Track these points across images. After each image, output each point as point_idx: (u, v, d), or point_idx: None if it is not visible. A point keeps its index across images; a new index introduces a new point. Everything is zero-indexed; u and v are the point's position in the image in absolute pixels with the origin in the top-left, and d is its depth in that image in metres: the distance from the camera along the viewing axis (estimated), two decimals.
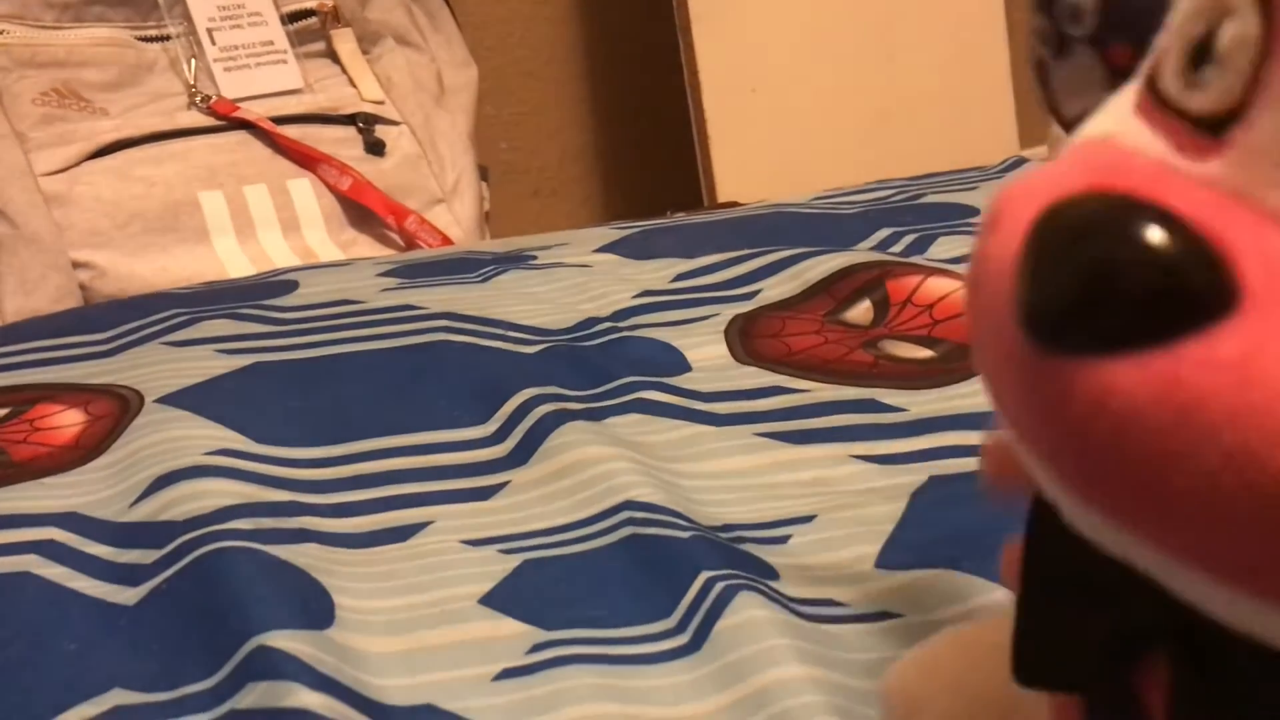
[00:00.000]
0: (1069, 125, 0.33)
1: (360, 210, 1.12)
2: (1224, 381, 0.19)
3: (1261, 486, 0.19)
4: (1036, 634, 0.27)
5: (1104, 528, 0.22)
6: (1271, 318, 0.20)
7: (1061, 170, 0.22)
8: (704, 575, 0.46)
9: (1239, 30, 0.21)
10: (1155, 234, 0.20)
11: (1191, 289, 0.20)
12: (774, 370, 0.63)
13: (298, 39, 1.18)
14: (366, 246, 1.11)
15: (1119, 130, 0.23)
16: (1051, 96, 0.35)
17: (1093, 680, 0.26)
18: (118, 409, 0.62)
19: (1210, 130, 0.22)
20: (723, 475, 0.55)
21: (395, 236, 1.12)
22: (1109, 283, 0.20)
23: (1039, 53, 0.35)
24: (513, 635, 0.45)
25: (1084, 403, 0.20)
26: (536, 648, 0.44)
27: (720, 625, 0.44)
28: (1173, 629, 0.23)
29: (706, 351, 0.65)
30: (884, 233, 0.80)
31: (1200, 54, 0.22)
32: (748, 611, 0.44)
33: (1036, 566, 0.27)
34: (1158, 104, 0.23)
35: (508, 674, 0.43)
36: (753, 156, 1.48)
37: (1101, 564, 0.23)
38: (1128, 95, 0.24)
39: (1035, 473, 0.23)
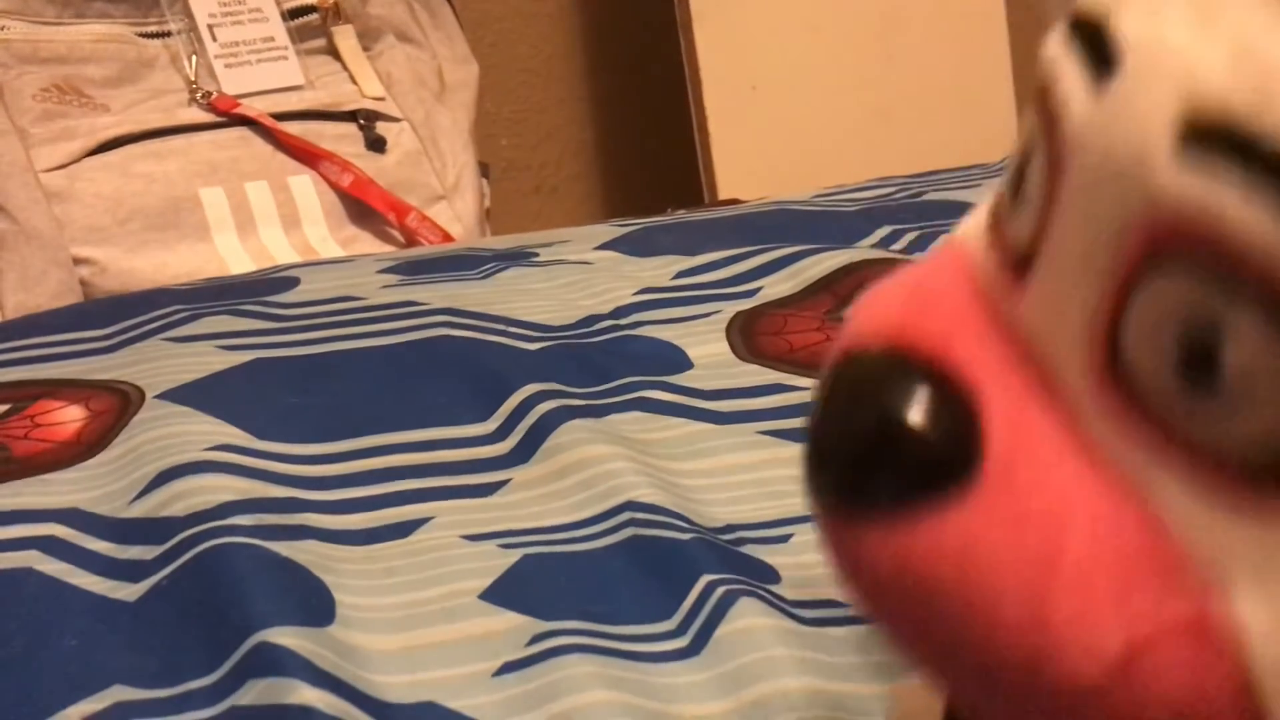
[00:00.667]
0: None
1: (361, 207, 1.12)
2: (947, 565, 0.20)
3: (981, 673, 0.20)
4: None
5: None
6: (996, 505, 0.20)
7: (891, 294, 0.22)
8: (705, 579, 0.46)
9: (1036, 170, 0.21)
10: (911, 406, 0.20)
11: (931, 461, 0.20)
12: (775, 368, 0.63)
13: (298, 35, 1.18)
14: (367, 243, 1.11)
15: (973, 236, 0.23)
16: None
17: None
18: (119, 405, 0.62)
19: (1018, 266, 0.21)
20: (724, 473, 0.55)
21: (396, 233, 1.12)
22: (861, 446, 0.21)
23: None
24: (512, 628, 0.45)
25: (846, 561, 0.21)
26: (536, 639, 0.44)
27: (720, 631, 0.44)
28: None
29: (708, 349, 0.65)
30: (885, 230, 0.80)
31: (1019, 182, 0.22)
32: (748, 619, 0.44)
33: None
34: (996, 223, 0.23)
35: (508, 668, 0.43)
36: (754, 154, 1.48)
37: None
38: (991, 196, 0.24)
39: None
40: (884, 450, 0.20)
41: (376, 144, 1.15)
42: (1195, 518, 0.19)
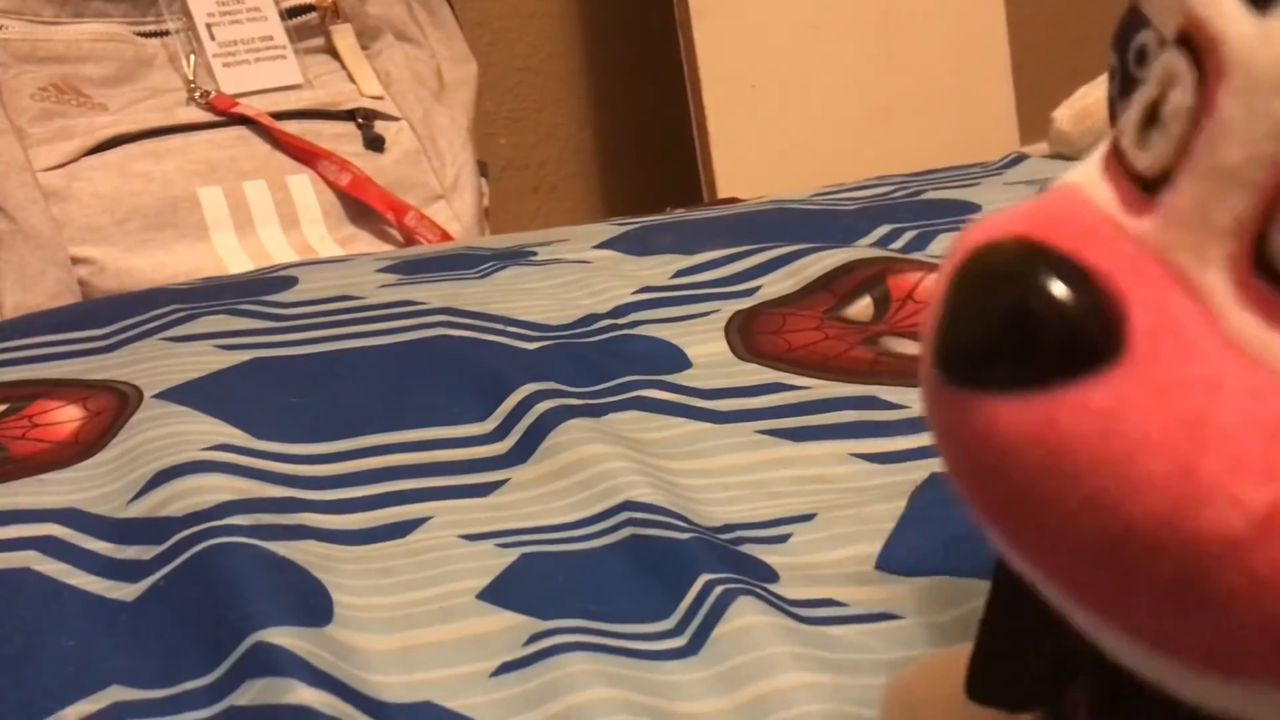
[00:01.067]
0: None
1: (359, 206, 1.12)
2: (1091, 429, 0.21)
3: (1113, 533, 0.21)
4: (992, 653, 0.28)
5: (1007, 552, 0.23)
6: (1144, 374, 0.21)
7: (1012, 215, 0.24)
8: (703, 578, 0.46)
9: (1178, 99, 0.23)
10: (1053, 285, 0.21)
11: (1076, 339, 0.21)
12: (774, 367, 0.63)
13: (297, 34, 1.18)
14: (366, 242, 1.11)
15: (1084, 181, 0.25)
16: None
17: (1037, 703, 0.28)
18: (116, 405, 0.62)
19: (1147, 190, 0.23)
20: (723, 473, 0.55)
21: (395, 232, 1.12)
22: (1002, 326, 0.22)
23: (1110, 91, 0.37)
24: (510, 628, 0.45)
25: (974, 436, 0.22)
26: (534, 638, 0.44)
27: (718, 630, 0.44)
28: (1091, 656, 0.24)
29: (706, 348, 0.65)
30: (884, 229, 0.80)
31: (1152, 117, 0.24)
32: (747, 617, 0.44)
33: (1001, 589, 0.28)
34: (1116, 160, 0.24)
35: (506, 668, 0.43)
36: (753, 152, 1.47)
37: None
38: (1101, 148, 0.26)
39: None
40: (1031, 325, 0.21)
41: (375, 143, 1.15)
42: None
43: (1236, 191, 0.21)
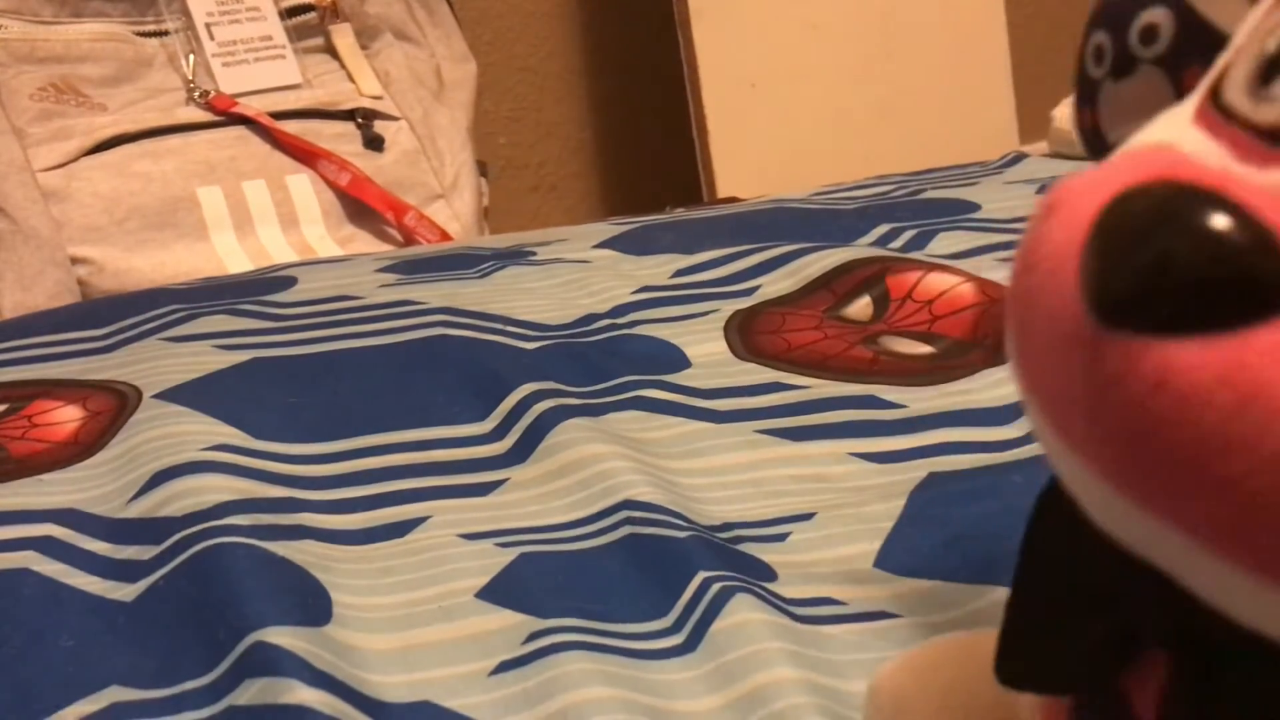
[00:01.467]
0: (1108, 149, 0.33)
1: (359, 206, 1.12)
2: (1257, 373, 0.20)
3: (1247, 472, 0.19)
4: (1027, 634, 0.27)
5: (1131, 516, 0.22)
6: None
7: (1123, 167, 0.23)
8: (701, 575, 0.46)
9: None
10: (1225, 221, 0.20)
11: (1261, 277, 0.20)
12: (773, 367, 0.63)
13: (296, 34, 1.18)
14: (365, 242, 1.11)
15: (1176, 139, 0.24)
16: (1097, 117, 0.34)
17: (1081, 683, 0.26)
18: (116, 405, 0.62)
19: (1274, 141, 0.22)
20: (722, 472, 0.55)
21: (394, 232, 1.12)
22: (1179, 265, 0.20)
23: (1093, 72, 0.35)
24: (509, 626, 0.45)
25: (1147, 381, 0.21)
26: (533, 636, 0.44)
27: (716, 626, 0.44)
28: (1171, 631, 0.23)
29: (706, 348, 0.65)
30: (884, 228, 0.80)
31: (1271, 69, 0.23)
32: (743, 614, 0.44)
33: (1033, 569, 0.27)
34: (1221, 116, 0.23)
35: (505, 667, 0.43)
36: (752, 152, 1.47)
37: (1104, 566, 0.23)
38: (1184, 108, 0.25)
39: (1063, 464, 0.23)
40: (1209, 263, 0.20)
41: (374, 143, 1.15)
42: None
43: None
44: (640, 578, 0.47)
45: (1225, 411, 0.20)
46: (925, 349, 0.65)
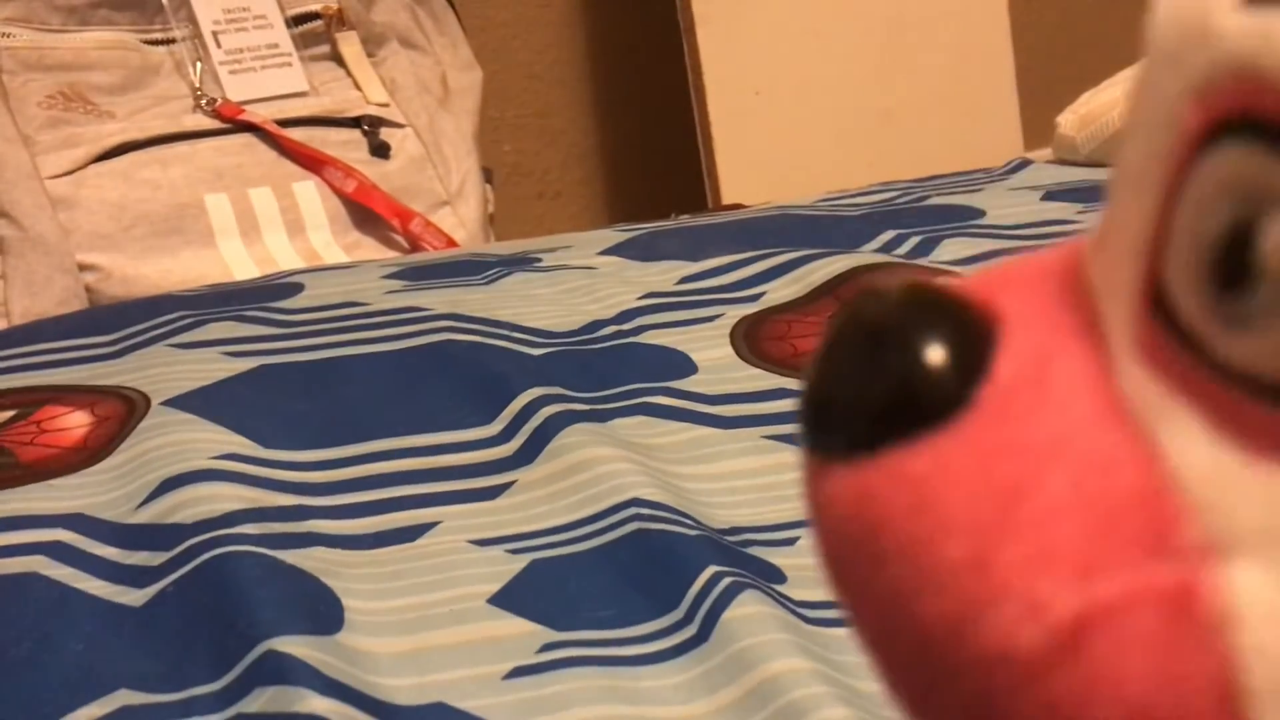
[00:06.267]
0: None
1: (365, 213, 1.12)
2: (902, 502, 0.17)
3: (911, 638, 0.17)
4: None
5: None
6: (976, 435, 0.17)
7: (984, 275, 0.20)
8: (711, 569, 0.46)
9: None
10: (898, 337, 0.18)
11: (908, 394, 0.17)
12: (780, 372, 0.63)
13: (302, 42, 1.18)
14: (371, 249, 1.11)
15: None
16: None
17: None
18: (124, 411, 0.62)
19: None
20: (729, 477, 0.55)
21: (400, 239, 1.12)
22: (833, 383, 0.18)
23: None
24: (523, 634, 0.45)
25: (810, 506, 0.19)
26: (547, 647, 0.44)
27: (727, 615, 0.44)
28: None
29: (712, 354, 0.65)
30: (889, 235, 0.80)
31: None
32: (754, 606, 0.44)
33: None
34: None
35: (519, 672, 0.43)
36: (757, 159, 1.48)
37: None
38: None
39: None
40: (860, 380, 0.18)
41: (380, 150, 1.16)
42: (1205, 462, 0.16)
43: (1139, 208, 0.16)
44: (650, 572, 0.47)
45: (853, 545, 0.17)
46: None
